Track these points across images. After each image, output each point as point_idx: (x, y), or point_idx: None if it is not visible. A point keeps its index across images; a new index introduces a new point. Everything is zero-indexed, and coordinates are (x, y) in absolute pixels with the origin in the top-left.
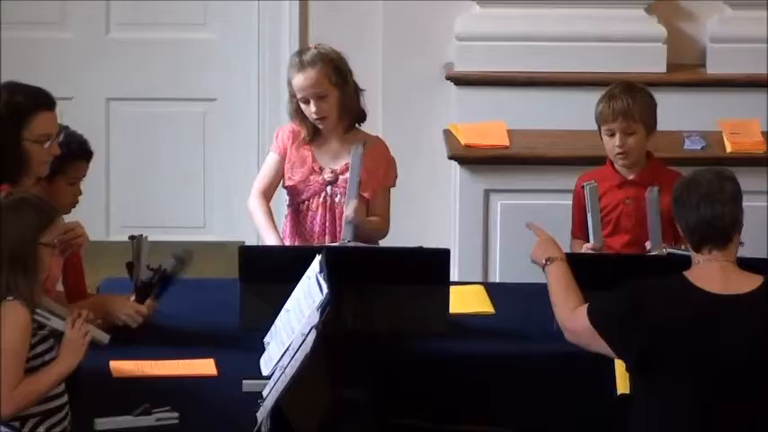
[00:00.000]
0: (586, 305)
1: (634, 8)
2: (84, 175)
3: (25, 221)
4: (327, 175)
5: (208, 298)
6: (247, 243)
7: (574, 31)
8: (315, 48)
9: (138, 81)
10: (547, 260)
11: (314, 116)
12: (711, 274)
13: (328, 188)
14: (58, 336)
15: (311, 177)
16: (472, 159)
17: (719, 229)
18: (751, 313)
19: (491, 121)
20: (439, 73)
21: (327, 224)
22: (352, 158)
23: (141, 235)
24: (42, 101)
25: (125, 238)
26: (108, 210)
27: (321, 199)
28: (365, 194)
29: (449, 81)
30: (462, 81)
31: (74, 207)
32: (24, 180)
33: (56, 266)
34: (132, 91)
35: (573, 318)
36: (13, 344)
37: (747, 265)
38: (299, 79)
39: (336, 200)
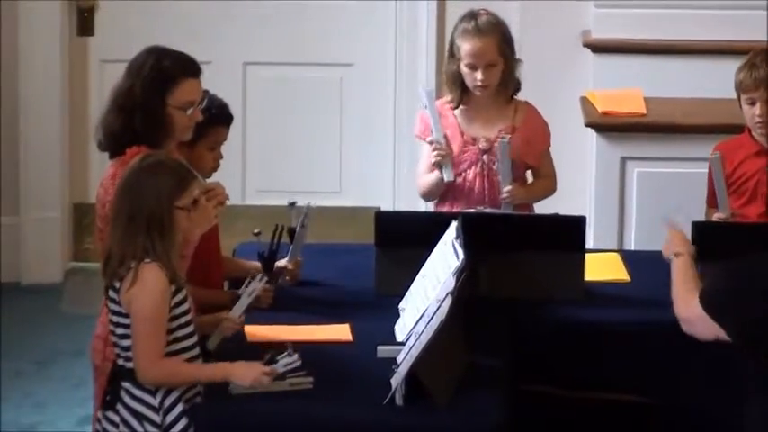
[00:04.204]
0: (700, 292)
1: None
2: (225, 140)
3: (162, 184)
4: (482, 144)
5: (343, 263)
6: (383, 208)
7: None
8: (486, 14)
9: (276, 46)
10: (675, 254)
11: (479, 83)
12: None
13: (484, 157)
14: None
15: (465, 148)
16: (609, 127)
17: None
18: None
19: (628, 88)
20: (576, 40)
21: (487, 193)
22: (499, 151)
23: (309, 203)
24: (188, 68)
25: (261, 202)
26: (244, 174)
27: (478, 169)
28: (529, 162)
29: (586, 48)
30: (600, 48)
31: (215, 171)
32: (166, 143)
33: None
34: (269, 55)
35: (687, 307)
36: (153, 307)
37: None
38: (473, 45)
39: (494, 168)
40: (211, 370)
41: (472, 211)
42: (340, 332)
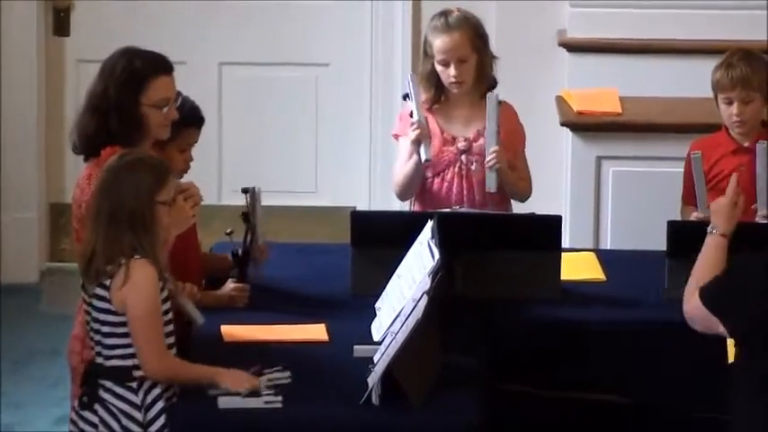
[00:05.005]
0: (700, 287)
1: None
2: (196, 142)
3: (141, 180)
4: (461, 144)
5: (319, 263)
6: (359, 208)
7: None
8: (458, 11)
9: (251, 46)
10: (711, 229)
11: (452, 79)
12: None
13: (463, 157)
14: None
15: (444, 148)
16: (585, 126)
17: None
18: None
19: (604, 87)
20: (552, 39)
21: (465, 193)
22: (489, 106)
23: (254, 187)
24: (160, 65)
25: (237, 202)
26: (220, 174)
27: (456, 169)
28: (508, 154)
29: (562, 48)
30: (575, 48)
31: (185, 173)
32: (142, 144)
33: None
34: (245, 55)
35: (688, 303)
36: (150, 302)
37: None
38: (443, 41)
39: (472, 168)
40: (201, 371)
41: (448, 210)
42: (316, 332)
